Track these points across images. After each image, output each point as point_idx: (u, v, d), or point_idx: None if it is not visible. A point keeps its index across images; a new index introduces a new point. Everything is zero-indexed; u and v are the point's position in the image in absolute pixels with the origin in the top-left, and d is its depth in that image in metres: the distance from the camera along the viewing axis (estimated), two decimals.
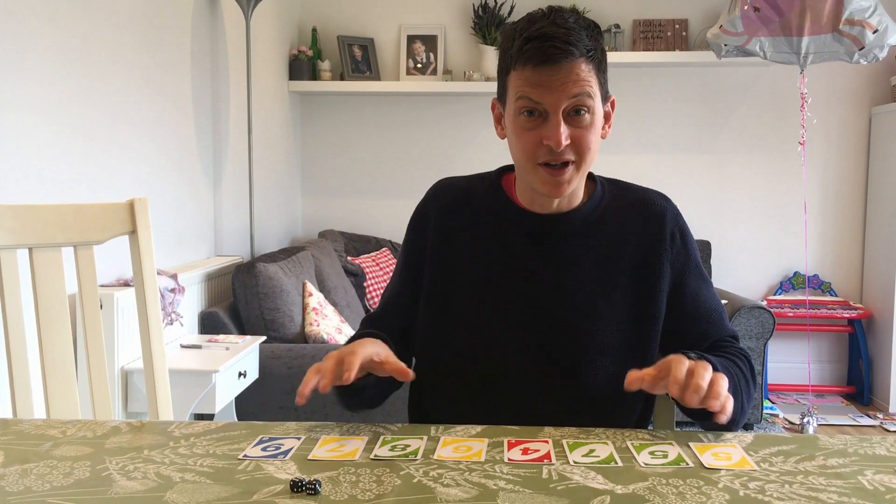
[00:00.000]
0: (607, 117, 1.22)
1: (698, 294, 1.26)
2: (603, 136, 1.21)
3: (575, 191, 1.22)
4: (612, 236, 1.24)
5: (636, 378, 1.03)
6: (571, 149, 1.15)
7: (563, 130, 1.13)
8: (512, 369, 1.21)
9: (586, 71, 1.13)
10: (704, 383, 0.99)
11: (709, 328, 1.26)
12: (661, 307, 1.24)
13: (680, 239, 1.26)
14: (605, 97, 1.20)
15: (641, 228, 1.25)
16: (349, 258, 3.82)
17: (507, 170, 1.31)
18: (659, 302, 1.23)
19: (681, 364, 1.01)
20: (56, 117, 2.01)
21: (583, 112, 1.14)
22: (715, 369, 1.08)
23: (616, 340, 1.21)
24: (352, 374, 1.04)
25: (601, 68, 1.16)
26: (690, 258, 1.26)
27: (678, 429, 1.14)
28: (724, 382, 1.01)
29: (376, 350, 1.11)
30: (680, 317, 1.25)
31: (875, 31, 3.21)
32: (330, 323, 2.88)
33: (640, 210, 1.26)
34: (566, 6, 1.20)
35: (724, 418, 1.01)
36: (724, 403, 1.00)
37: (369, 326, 1.33)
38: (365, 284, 3.73)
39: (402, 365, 1.10)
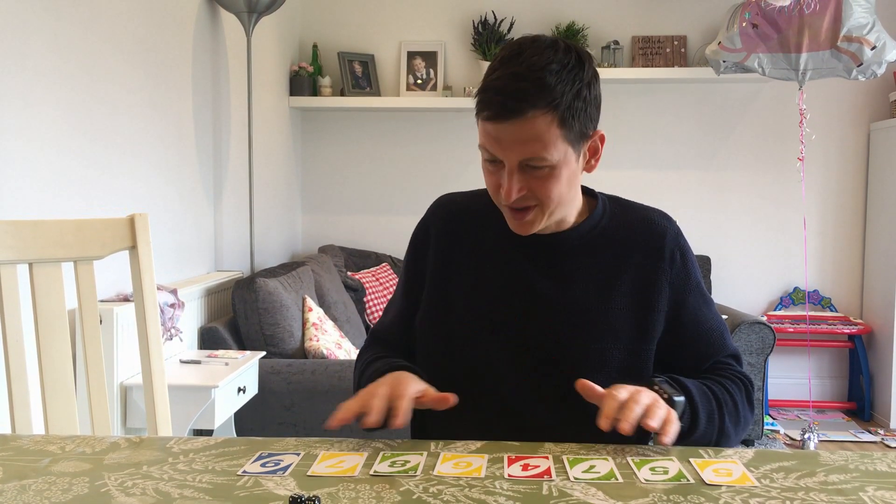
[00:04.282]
0: (594, 151, 1.19)
1: (698, 314, 1.26)
2: (588, 171, 1.20)
3: (568, 212, 1.22)
4: (612, 254, 1.24)
5: (586, 387, 1.05)
6: (531, 195, 1.14)
7: (516, 184, 1.12)
8: (511, 385, 1.21)
9: (544, 124, 1.07)
10: (638, 408, 1.00)
11: (707, 348, 1.26)
12: (660, 326, 1.23)
13: (680, 259, 1.25)
14: (584, 136, 1.14)
15: (642, 247, 1.24)
16: (349, 273, 3.82)
17: None
18: (657, 321, 1.23)
19: (612, 399, 1.02)
20: (57, 134, 2.01)
21: (539, 167, 1.11)
22: (688, 393, 1.11)
23: (614, 358, 1.21)
24: (402, 421, 1.06)
25: (573, 114, 1.09)
26: (690, 277, 1.26)
27: (678, 445, 1.13)
28: (659, 408, 1.02)
29: (418, 388, 1.12)
30: (679, 336, 1.24)
31: (873, 48, 3.23)
32: (330, 338, 2.88)
33: (641, 229, 1.26)
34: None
35: (665, 440, 1.02)
36: (665, 426, 1.02)
37: (377, 344, 1.35)
38: (365, 300, 3.73)
39: (441, 394, 1.11)
